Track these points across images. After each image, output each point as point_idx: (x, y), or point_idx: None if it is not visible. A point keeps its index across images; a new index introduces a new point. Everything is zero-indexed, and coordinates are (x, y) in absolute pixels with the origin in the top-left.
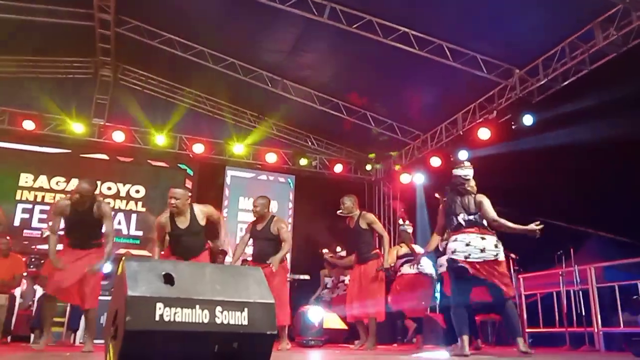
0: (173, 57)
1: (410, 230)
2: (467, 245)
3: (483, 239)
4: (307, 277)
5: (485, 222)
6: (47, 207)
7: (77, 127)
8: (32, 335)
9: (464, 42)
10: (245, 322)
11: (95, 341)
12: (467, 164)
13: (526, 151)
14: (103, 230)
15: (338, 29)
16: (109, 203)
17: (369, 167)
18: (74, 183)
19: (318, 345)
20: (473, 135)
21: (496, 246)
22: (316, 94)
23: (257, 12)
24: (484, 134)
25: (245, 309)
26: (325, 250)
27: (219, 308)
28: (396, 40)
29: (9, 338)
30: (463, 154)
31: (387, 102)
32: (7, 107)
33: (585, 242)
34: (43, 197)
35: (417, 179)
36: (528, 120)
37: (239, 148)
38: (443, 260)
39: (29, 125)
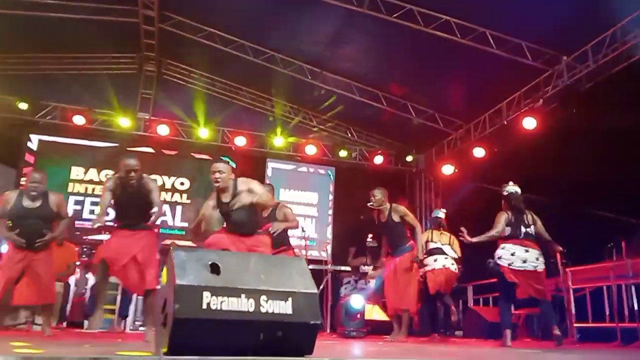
0: (214, 51)
1: (441, 215)
2: (512, 255)
3: (527, 251)
4: (348, 268)
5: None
6: (97, 199)
7: (123, 122)
8: (86, 322)
9: (507, 29)
10: (290, 312)
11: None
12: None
13: (574, 141)
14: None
15: (378, 19)
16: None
17: (409, 158)
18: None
19: (360, 337)
20: (518, 125)
21: (537, 259)
22: (356, 85)
23: (296, 4)
24: (529, 123)
25: (289, 299)
26: (370, 237)
27: (263, 297)
28: (437, 28)
29: (64, 324)
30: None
31: (428, 92)
32: (58, 103)
33: (638, 234)
34: (93, 189)
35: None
36: (575, 108)
37: (279, 140)
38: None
39: (78, 120)
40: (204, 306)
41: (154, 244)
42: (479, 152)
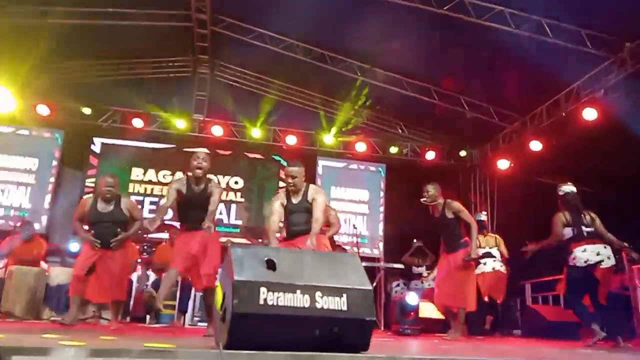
0: (265, 52)
1: (483, 218)
2: (598, 254)
3: (605, 248)
4: (400, 266)
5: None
6: (156, 199)
7: (179, 123)
8: (148, 317)
9: (565, 17)
10: (345, 308)
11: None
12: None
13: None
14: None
15: (427, 12)
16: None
17: (463, 153)
18: (179, 176)
19: (414, 334)
20: (578, 116)
21: (609, 257)
22: (406, 80)
23: (345, 2)
24: (589, 114)
25: (344, 295)
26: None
27: (318, 293)
28: (490, 20)
29: (127, 318)
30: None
31: (482, 85)
32: (118, 107)
33: None
34: (152, 189)
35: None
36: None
37: (329, 138)
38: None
39: (137, 123)
40: (261, 302)
41: (216, 242)
42: (535, 146)
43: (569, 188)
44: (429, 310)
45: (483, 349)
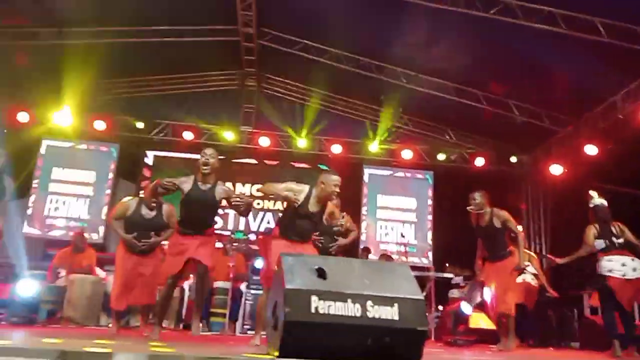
0: (309, 62)
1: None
2: (623, 265)
3: (633, 260)
4: (451, 275)
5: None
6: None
7: (228, 135)
8: (200, 324)
9: (619, 15)
10: (396, 317)
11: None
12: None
13: None
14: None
15: (473, 16)
16: (258, 204)
17: (513, 159)
18: (228, 186)
19: (467, 345)
20: (637, 118)
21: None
22: (453, 85)
23: (387, 10)
24: None
25: (396, 304)
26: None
27: (369, 302)
28: (539, 22)
29: (181, 325)
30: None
31: (532, 88)
32: (169, 121)
33: None
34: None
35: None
36: None
37: (374, 146)
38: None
39: (188, 135)
40: (313, 310)
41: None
42: (590, 150)
43: (599, 200)
44: (481, 321)
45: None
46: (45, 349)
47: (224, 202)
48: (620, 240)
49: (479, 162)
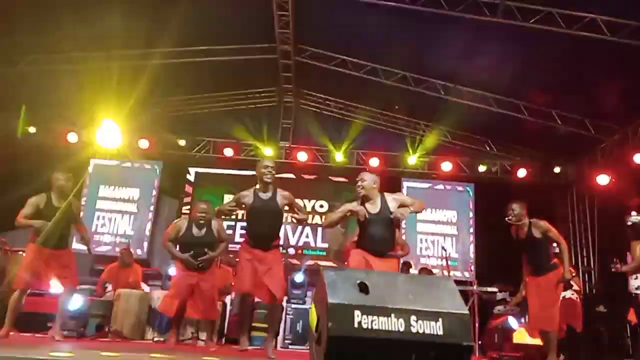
0: (347, 78)
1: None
2: None
3: None
4: (494, 289)
5: None
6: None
7: (267, 151)
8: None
9: None
10: (441, 332)
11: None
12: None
13: None
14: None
15: (513, 26)
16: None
17: (557, 169)
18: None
19: None
20: None
21: None
22: (493, 96)
23: (424, 23)
24: None
25: (440, 319)
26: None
27: (413, 317)
28: (582, 29)
29: (223, 340)
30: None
31: (575, 97)
32: (210, 138)
33: None
34: (243, 215)
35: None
36: None
37: (412, 159)
38: None
39: (228, 152)
40: (356, 325)
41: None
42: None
43: (636, 218)
44: (527, 336)
45: None
46: None
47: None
48: None
49: (521, 173)
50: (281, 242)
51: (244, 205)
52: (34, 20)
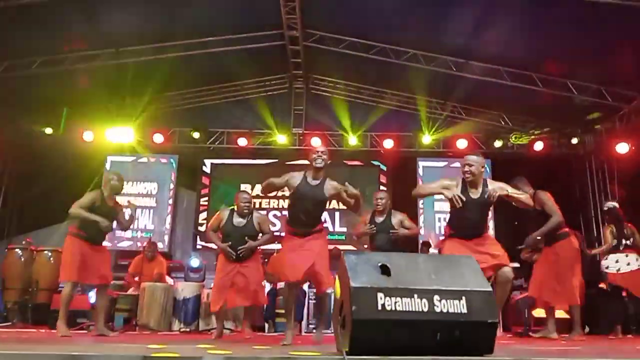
0: (356, 59)
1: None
2: (617, 262)
3: (626, 256)
4: (516, 265)
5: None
6: (264, 212)
7: (280, 139)
8: (267, 325)
9: None
10: (465, 311)
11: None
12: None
13: None
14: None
15: None
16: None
17: (574, 140)
18: (284, 189)
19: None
20: None
21: (637, 260)
22: (506, 69)
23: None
24: None
25: (463, 298)
26: None
27: (436, 297)
28: None
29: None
30: None
31: (591, 65)
32: (224, 129)
33: None
34: (260, 203)
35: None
36: None
37: (427, 138)
38: None
39: (242, 141)
40: (379, 307)
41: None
42: None
43: (611, 204)
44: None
45: (619, 349)
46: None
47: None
48: (629, 242)
49: (538, 146)
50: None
51: (291, 187)
52: (44, 22)
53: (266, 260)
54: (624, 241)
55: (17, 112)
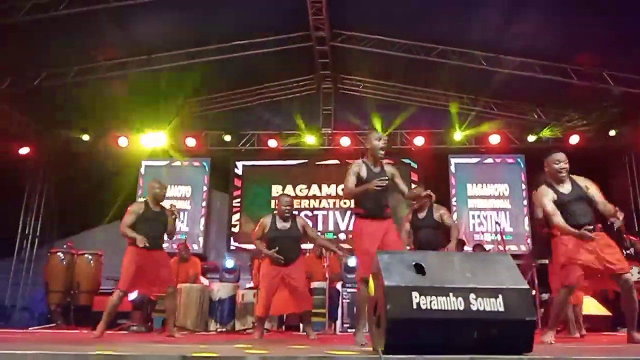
0: (384, 57)
1: None
2: None
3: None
4: (546, 261)
5: None
6: (296, 213)
7: (309, 139)
8: (302, 325)
9: None
10: (502, 309)
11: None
12: None
13: None
14: None
15: None
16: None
17: (612, 132)
18: (314, 189)
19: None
20: None
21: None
22: (538, 62)
23: None
24: None
25: (500, 295)
26: None
27: (472, 295)
28: None
29: (283, 327)
30: None
31: (628, 55)
32: (254, 131)
33: None
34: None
35: None
36: None
37: (458, 135)
38: None
39: (272, 143)
40: (414, 306)
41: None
42: None
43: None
44: (592, 307)
45: None
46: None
47: None
48: (630, 251)
49: (574, 139)
50: (331, 228)
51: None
52: (79, 32)
53: None
54: (624, 251)
55: (56, 119)
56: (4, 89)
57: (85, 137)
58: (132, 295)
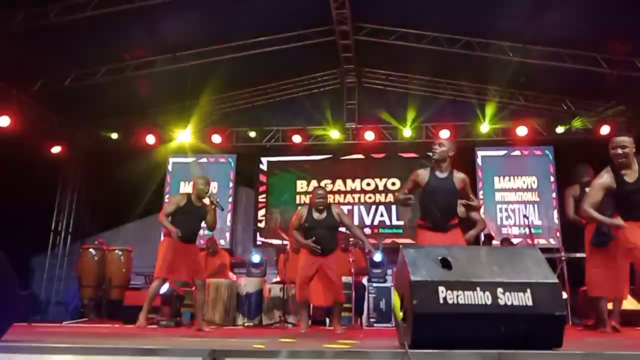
0: (409, 50)
1: None
2: None
3: None
4: (582, 255)
5: None
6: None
7: (334, 134)
8: (327, 319)
9: None
10: (530, 303)
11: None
12: None
13: None
14: None
15: None
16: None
17: None
18: (339, 184)
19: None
20: None
21: None
22: (566, 52)
23: None
24: None
25: (528, 290)
26: None
27: (500, 289)
28: None
29: (309, 322)
30: None
31: None
32: (279, 127)
33: None
34: None
35: None
36: None
37: (484, 127)
38: None
39: (297, 138)
40: (441, 301)
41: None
42: None
43: None
44: (626, 302)
45: None
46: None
47: None
48: None
49: (605, 130)
50: (356, 223)
51: (421, 183)
52: (108, 32)
53: None
54: None
55: (87, 118)
56: (37, 89)
57: (114, 136)
58: (162, 290)
